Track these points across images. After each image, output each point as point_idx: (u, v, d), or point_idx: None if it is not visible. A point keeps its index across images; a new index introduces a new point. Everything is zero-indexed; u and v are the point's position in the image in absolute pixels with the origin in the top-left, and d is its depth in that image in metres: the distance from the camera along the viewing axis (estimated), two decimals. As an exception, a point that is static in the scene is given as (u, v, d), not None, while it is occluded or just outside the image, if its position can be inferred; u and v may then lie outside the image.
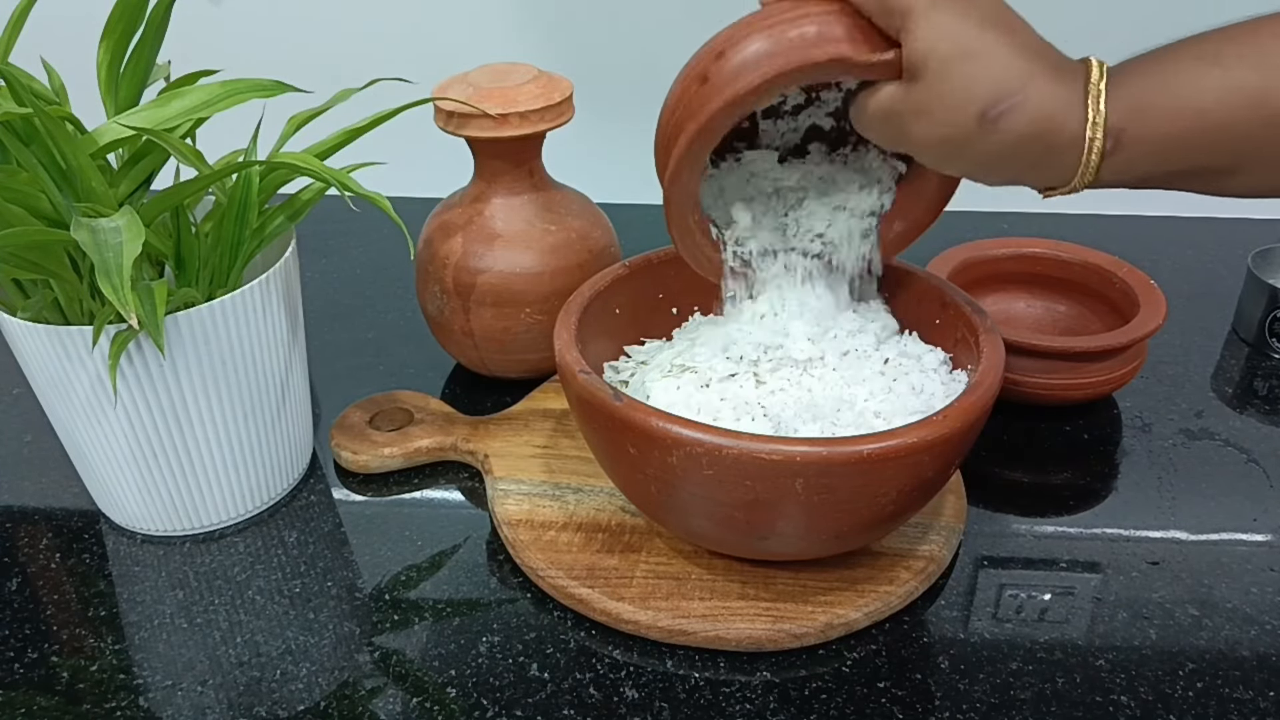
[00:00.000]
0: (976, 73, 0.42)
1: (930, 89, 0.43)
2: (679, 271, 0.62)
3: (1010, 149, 0.43)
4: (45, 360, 0.53)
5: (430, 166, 0.79)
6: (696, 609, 0.52)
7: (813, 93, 0.54)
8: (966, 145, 0.43)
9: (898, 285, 0.60)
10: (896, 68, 0.45)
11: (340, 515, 0.61)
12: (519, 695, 0.49)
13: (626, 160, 0.95)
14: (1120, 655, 0.51)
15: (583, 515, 0.58)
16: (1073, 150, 0.42)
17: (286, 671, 0.51)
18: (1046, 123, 0.42)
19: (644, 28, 0.92)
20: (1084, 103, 0.42)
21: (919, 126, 0.44)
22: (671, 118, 0.49)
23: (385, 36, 0.95)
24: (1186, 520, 0.59)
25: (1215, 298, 0.80)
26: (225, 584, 0.56)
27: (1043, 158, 0.43)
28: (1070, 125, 0.42)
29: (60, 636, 0.53)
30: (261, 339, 0.56)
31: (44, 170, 0.49)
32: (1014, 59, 0.42)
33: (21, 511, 0.62)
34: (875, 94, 0.46)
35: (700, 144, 0.48)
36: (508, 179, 0.66)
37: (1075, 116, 0.42)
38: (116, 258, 0.45)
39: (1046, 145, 0.43)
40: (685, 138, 0.48)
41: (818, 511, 0.47)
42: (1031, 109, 0.42)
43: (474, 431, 0.64)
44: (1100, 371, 0.64)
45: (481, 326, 0.67)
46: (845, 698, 0.49)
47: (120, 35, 0.52)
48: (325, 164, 0.54)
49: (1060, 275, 0.72)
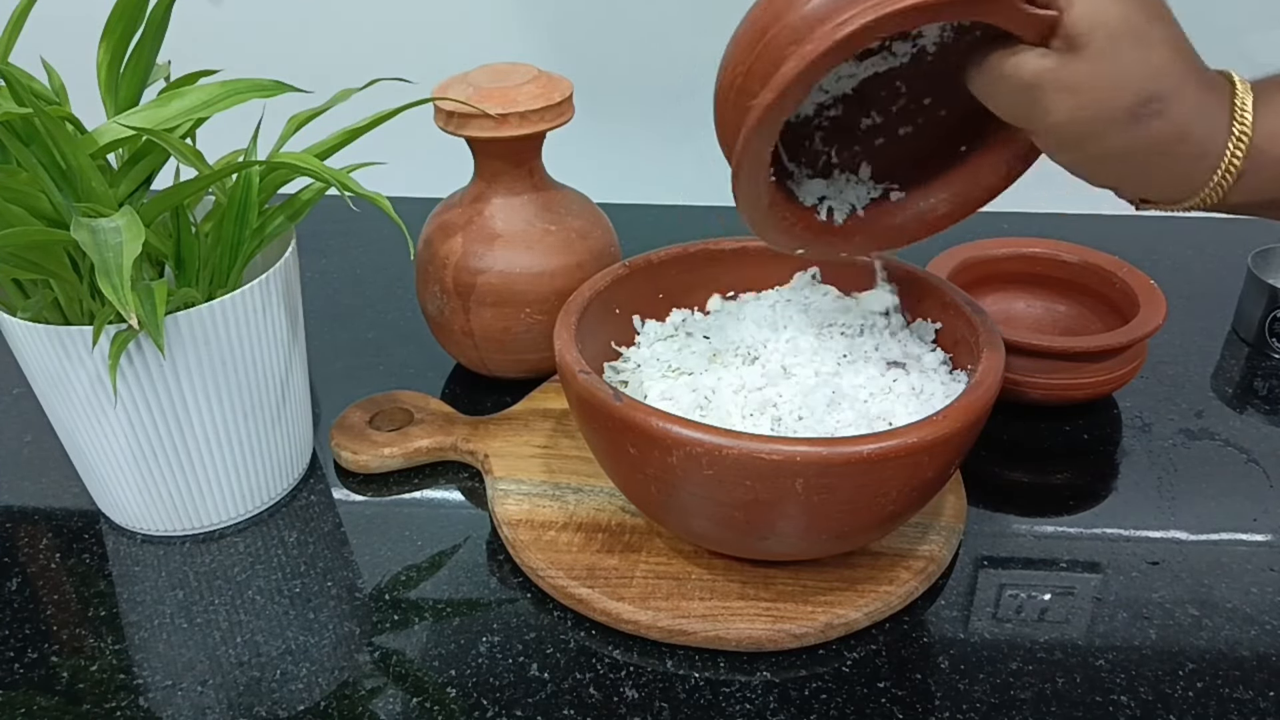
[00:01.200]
0: (1140, 61, 0.39)
1: (1088, 65, 0.39)
2: (679, 271, 0.62)
3: (1145, 149, 0.41)
4: (45, 360, 0.53)
5: (430, 166, 0.79)
6: (696, 609, 0.52)
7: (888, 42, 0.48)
8: (1104, 135, 0.40)
9: (898, 285, 0.60)
10: (1049, 29, 0.40)
11: (340, 515, 0.61)
12: (519, 695, 0.49)
13: (626, 160, 0.95)
14: (1120, 655, 0.51)
15: (583, 515, 0.58)
16: (1206, 164, 0.41)
17: (286, 671, 0.51)
18: (1190, 130, 0.40)
19: (644, 28, 0.92)
20: (1229, 118, 0.40)
21: (1061, 103, 0.40)
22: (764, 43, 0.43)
23: (385, 36, 0.95)
24: (1186, 520, 0.59)
25: (1215, 298, 0.80)
26: (225, 584, 0.56)
27: (1173, 166, 0.41)
28: (1212, 139, 0.40)
29: (60, 636, 0.53)
30: (261, 339, 0.56)
31: (44, 170, 0.49)
32: (1176, 57, 0.40)
33: (21, 511, 0.62)
34: (1016, 56, 0.41)
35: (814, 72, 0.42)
36: (508, 179, 0.66)
37: (1220, 131, 0.40)
38: (116, 258, 0.45)
39: (1183, 154, 0.40)
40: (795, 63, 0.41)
41: (818, 511, 0.47)
42: (1182, 114, 0.40)
43: (474, 431, 0.64)
44: (1100, 371, 0.64)
45: (481, 326, 0.67)
46: (845, 698, 0.49)
47: (120, 35, 0.52)
48: (325, 164, 0.54)
49: (1060, 275, 0.72)
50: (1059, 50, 0.40)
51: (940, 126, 0.52)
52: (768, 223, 0.51)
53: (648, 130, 0.94)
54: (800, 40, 0.41)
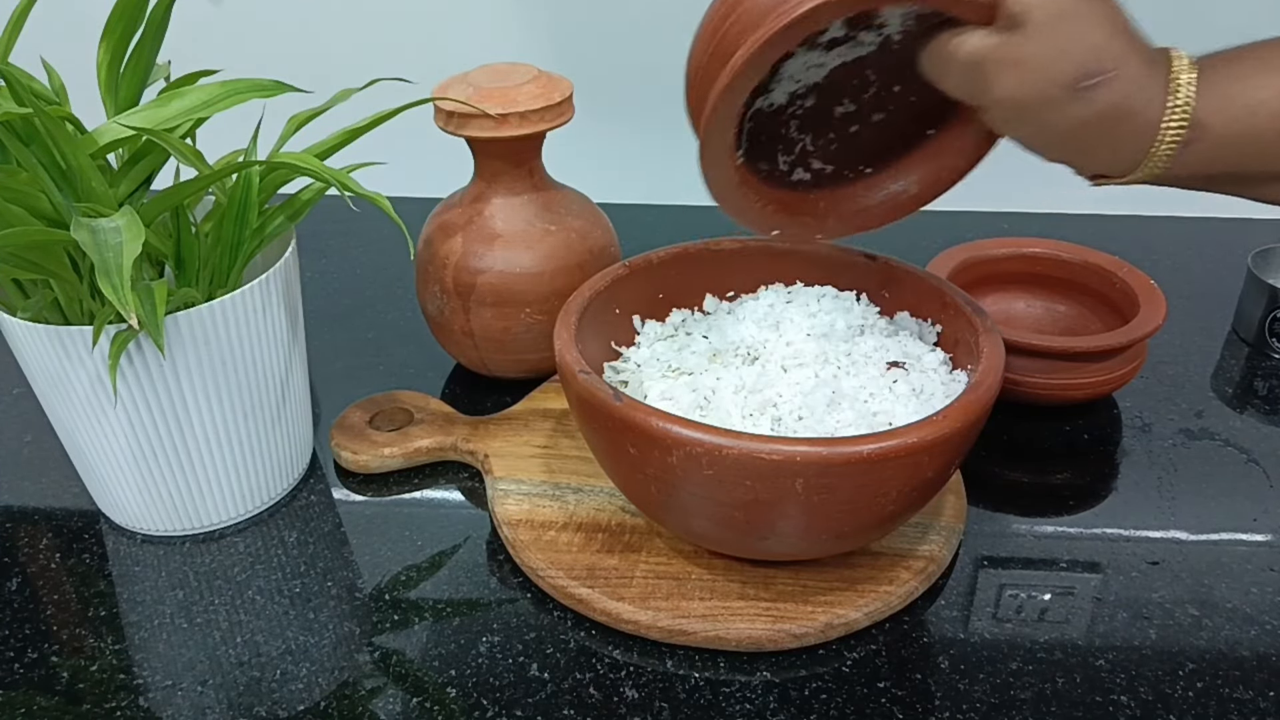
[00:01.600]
0: (1079, 36, 0.41)
1: (1029, 42, 0.42)
2: (679, 271, 0.62)
3: (1088, 122, 0.42)
4: (45, 360, 0.53)
5: (430, 166, 0.79)
6: (696, 609, 0.52)
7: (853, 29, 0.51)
8: (1048, 109, 0.42)
9: (898, 285, 0.60)
10: (990, 12, 0.43)
11: (340, 515, 0.61)
12: (519, 695, 0.49)
13: (626, 160, 0.95)
14: (1120, 655, 0.51)
15: (583, 515, 0.58)
16: (1146, 136, 0.42)
17: (286, 671, 0.51)
18: (1130, 104, 0.42)
19: (644, 28, 0.92)
20: (1166, 91, 0.42)
21: (1006, 80, 0.43)
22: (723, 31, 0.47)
23: (385, 36, 0.95)
24: (1186, 520, 0.59)
25: (1215, 298, 0.80)
26: (225, 584, 0.56)
27: (1115, 138, 0.43)
28: (1150, 112, 0.42)
29: (60, 636, 0.53)
30: (261, 339, 0.56)
31: (44, 170, 0.49)
32: (1114, 32, 0.42)
33: (21, 511, 0.62)
34: (962, 38, 0.44)
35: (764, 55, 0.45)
36: (508, 179, 0.66)
37: (1156, 103, 0.42)
38: (116, 258, 0.45)
39: (1123, 127, 0.42)
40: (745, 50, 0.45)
41: (818, 511, 0.47)
42: (1122, 87, 0.42)
43: (474, 431, 0.64)
44: (1100, 371, 0.64)
45: (481, 326, 0.67)
46: (845, 698, 0.49)
47: (120, 35, 0.52)
48: (325, 164, 0.54)
49: (1060, 275, 0.72)
50: (1002, 29, 0.42)
51: (910, 112, 0.54)
52: (737, 202, 0.54)
53: (648, 130, 0.94)
54: (753, 27, 0.45)
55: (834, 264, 0.61)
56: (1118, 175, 0.45)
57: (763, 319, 0.58)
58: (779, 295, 0.60)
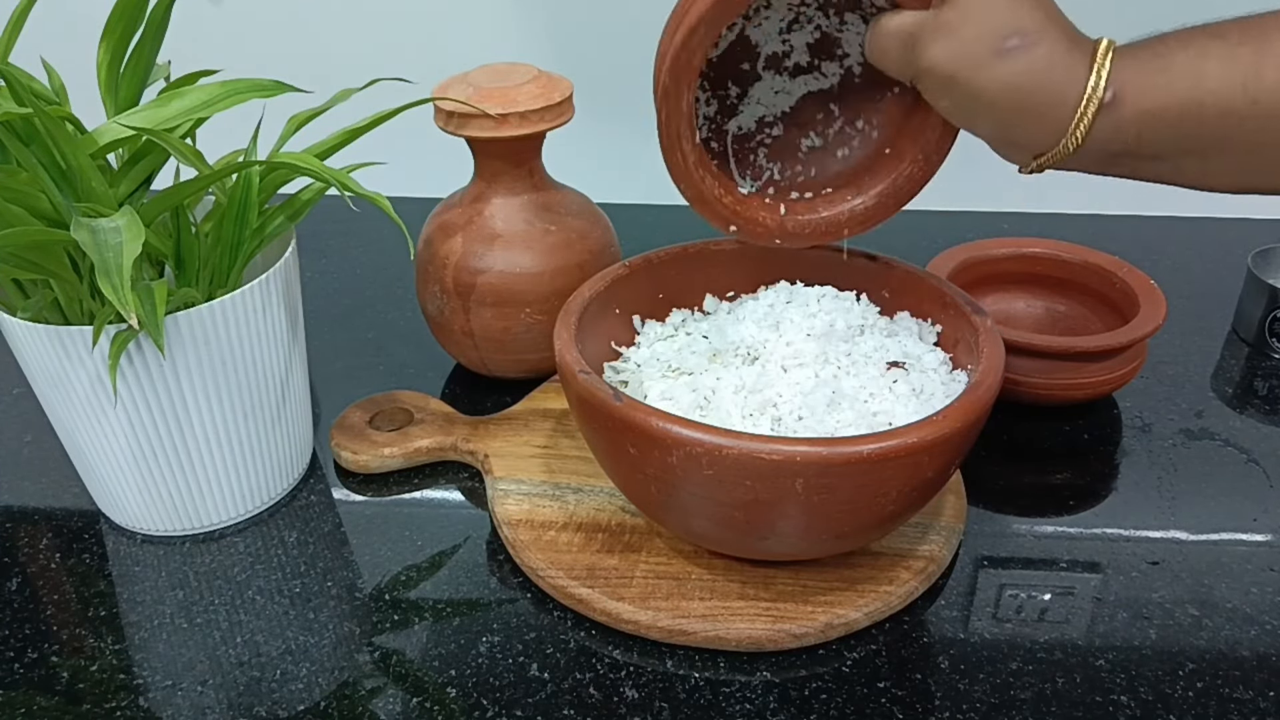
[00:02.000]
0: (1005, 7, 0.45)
1: (957, 11, 0.45)
2: (679, 271, 0.62)
3: (1010, 85, 0.45)
4: (45, 360, 0.53)
5: (430, 166, 0.79)
6: (696, 609, 0.52)
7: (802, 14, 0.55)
8: (974, 72, 0.45)
9: (898, 285, 0.60)
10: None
11: (340, 515, 0.61)
12: (519, 695, 0.49)
13: (626, 160, 0.95)
14: (1120, 655, 0.51)
15: (583, 515, 0.58)
16: (1068, 105, 0.44)
17: (286, 671, 0.51)
18: (1051, 71, 0.44)
19: (644, 28, 0.92)
20: (1088, 67, 0.44)
21: (935, 44, 0.46)
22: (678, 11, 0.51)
23: (385, 36, 0.95)
24: (1186, 520, 0.59)
25: (1215, 298, 0.80)
26: (225, 584, 0.56)
27: (1038, 105, 0.45)
28: (1072, 81, 0.44)
29: (60, 636, 0.53)
30: (261, 339, 0.56)
31: (44, 170, 0.49)
32: (1038, 8, 0.45)
33: (21, 511, 0.62)
34: (901, 15, 0.48)
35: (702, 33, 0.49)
36: (508, 179, 0.66)
37: (1078, 72, 0.44)
38: (116, 258, 0.45)
39: (1046, 93, 0.45)
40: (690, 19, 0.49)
41: (818, 511, 0.47)
42: (1043, 53, 0.44)
43: (474, 431, 0.64)
44: (1100, 371, 0.64)
45: (481, 326, 0.67)
46: (845, 698, 0.49)
47: (120, 35, 0.52)
48: (325, 164, 0.54)
49: (1060, 275, 0.72)
50: (936, 6, 0.47)
51: (871, 143, 0.57)
52: (696, 186, 0.55)
53: (648, 130, 0.93)
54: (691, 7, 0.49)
55: (834, 264, 0.61)
56: (1044, 151, 0.47)
57: (763, 319, 0.58)
58: (779, 295, 0.60)
